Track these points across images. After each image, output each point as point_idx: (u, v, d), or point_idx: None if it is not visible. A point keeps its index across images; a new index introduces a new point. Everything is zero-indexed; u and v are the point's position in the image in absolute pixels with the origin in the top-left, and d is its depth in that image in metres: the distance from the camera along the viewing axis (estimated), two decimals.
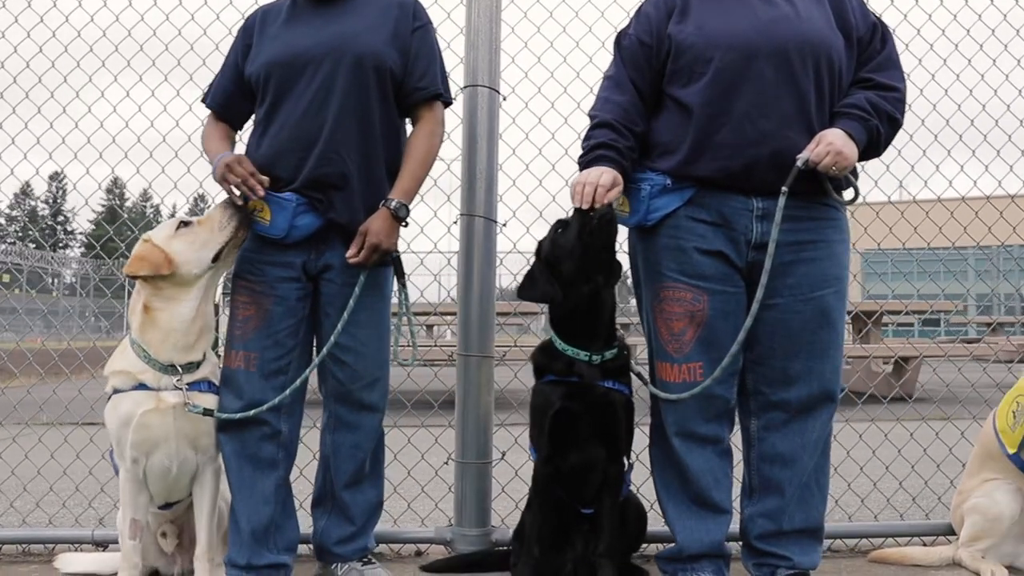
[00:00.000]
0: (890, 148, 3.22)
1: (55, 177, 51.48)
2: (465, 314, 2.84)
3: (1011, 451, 2.60)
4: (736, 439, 2.45)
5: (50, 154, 3.20)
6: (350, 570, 2.48)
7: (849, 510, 3.19)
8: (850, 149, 2.18)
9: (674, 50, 2.31)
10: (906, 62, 3.17)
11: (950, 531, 2.85)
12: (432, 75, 2.48)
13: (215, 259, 2.32)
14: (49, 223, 61.87)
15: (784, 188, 2.19)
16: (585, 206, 2.24)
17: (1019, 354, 7.14)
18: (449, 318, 6.99)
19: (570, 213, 2.35)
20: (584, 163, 2.34)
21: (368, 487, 2.51)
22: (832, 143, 2.16)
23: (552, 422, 2.35)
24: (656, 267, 2.36)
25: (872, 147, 2.27)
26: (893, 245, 3.65)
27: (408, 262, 2.54)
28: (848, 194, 2.33)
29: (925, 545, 2.88)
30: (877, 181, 3.33)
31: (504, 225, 2.95)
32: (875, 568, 2.74)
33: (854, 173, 2.43)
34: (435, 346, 6.83)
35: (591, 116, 2.41)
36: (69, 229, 60.46)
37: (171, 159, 3.15)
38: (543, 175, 3.06)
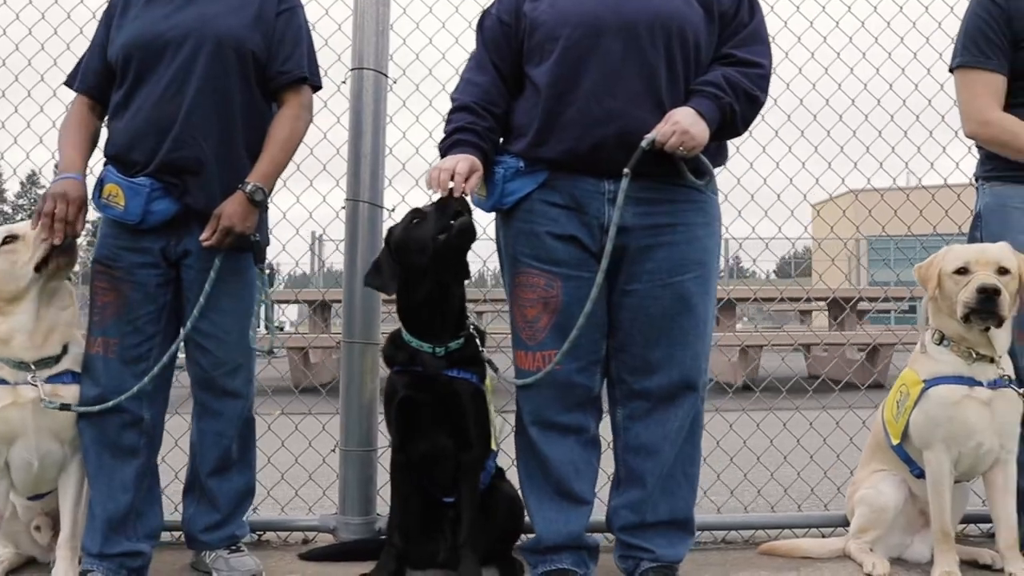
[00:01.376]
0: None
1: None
2: (349, 301, 2.81)
3: (895, 442, 2.53)
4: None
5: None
6: (217, 558, 2.47)
7: (744, 500, 3.13)
8: (698, 128, 2.11)
9: (528, 28, 2.26)
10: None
11: (847, 522, 2.79)
12: (297, 58, 2.44)
13: (38, 269, 2.26)
14: None
15: (626, 170, 2.13)
16: (444, 193, 2.19)
17: None
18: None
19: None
20: (444, 148, 2.29)
21: (236, 475, 2.50)
22: (678, 122, 2.10)
23: (397, 411, 2.35)
24: (512, 252, 2.32)
25: (728, 126, 2.19)
26: (898, 230, 3.58)
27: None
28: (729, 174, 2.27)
29: (824, 536, 2.83)
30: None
31: (392, 210, 2.92)
32: (761, 560, 2.69)
33: (722, 153, 2.38)
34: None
35: (452, 99, 2.36)
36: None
37: None
38: (434, 159, 3.00)
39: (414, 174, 2.94)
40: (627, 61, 2.15)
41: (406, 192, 3.43)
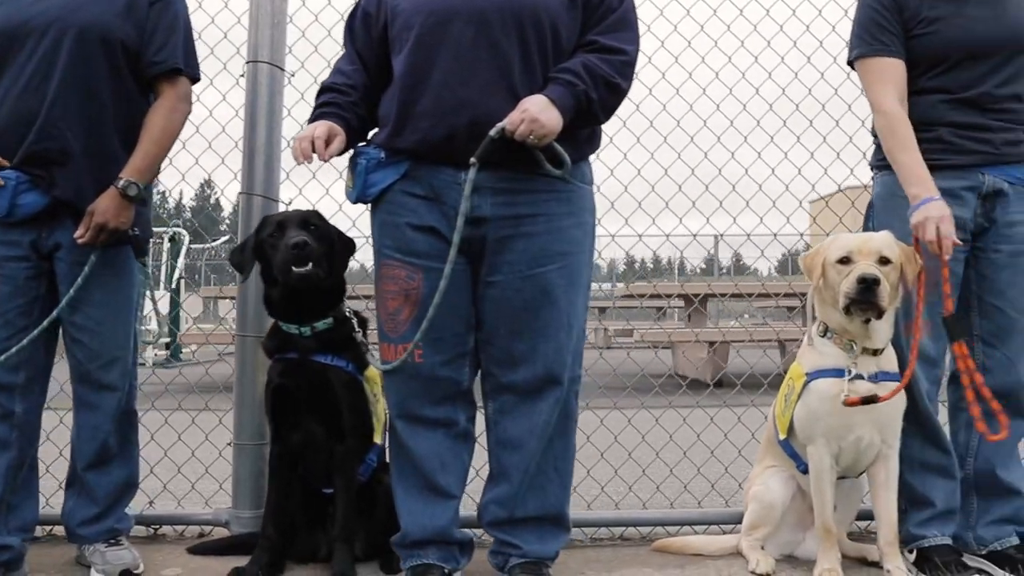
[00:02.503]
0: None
1: None
2: (243, 294, 2.79)
3: (781, 437, 2.48)
4: None
5: None
6: (94, 552, 2.47)
7: (643, 496, 3.09)
8: (548, 116, 2.06)
9: (389, 18, 2.24)
10: None
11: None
12: (171, 49, 2.42)
13: None
14: None
15: (473, 160, 2.10)
16: (306, 160, 2.18)
17: None
18: None
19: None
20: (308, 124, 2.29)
21: (115, 468, 2.49)
22: (527, 110, 2.06)
23: (271, 399, 2.35)
24: (377, 244, 2.30)
25: (585, 114, 2.14)
26: None
27: None
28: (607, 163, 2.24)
29: (725, 533, 2.78)
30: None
31: (288, 203, 2.90)
32: (652, 557, 2.64)
33: (593, 141, 2.33)
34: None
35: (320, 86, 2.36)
36: None
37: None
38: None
39: (312, 168, 2.90)
40: (479, 49, 2.11)
41: (303, 185, 3.42)
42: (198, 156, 2.98)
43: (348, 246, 2.47)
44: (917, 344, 2.32)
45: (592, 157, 2.38)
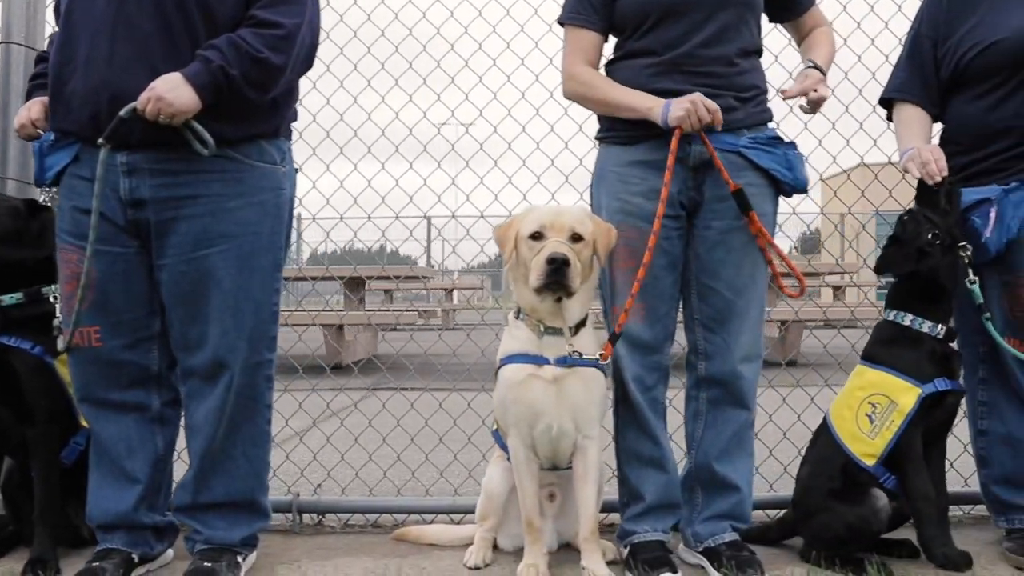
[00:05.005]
0: None
1: None
2: None
3: (494, 427, 2.35)
4: None
5: None
6: None
7: (398, 483, 3.00)
8: (177, 94, 1.98)
9: None
10: None
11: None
12: None
13: None
14: None
15: (100, 140, 2.03)
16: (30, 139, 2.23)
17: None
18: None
19: None
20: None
21: None
22: (154, 88, 1.98)
23: None
24: (58, 228, 2.25)
25: (231, 91, 2.04)
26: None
27: None
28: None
29: None
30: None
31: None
32: (386, 545, 2.55)
33: (272, 119, 2.23)
34: None
35: None
36: None
37: None
38: None
39: None
40: (118, 26, 2.04)
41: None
42: None
43: (45, 224, 2.41)
44: (621, 327, 2.17)
45: None
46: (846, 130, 3.11)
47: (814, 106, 2.25)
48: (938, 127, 2.49)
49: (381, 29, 3.01)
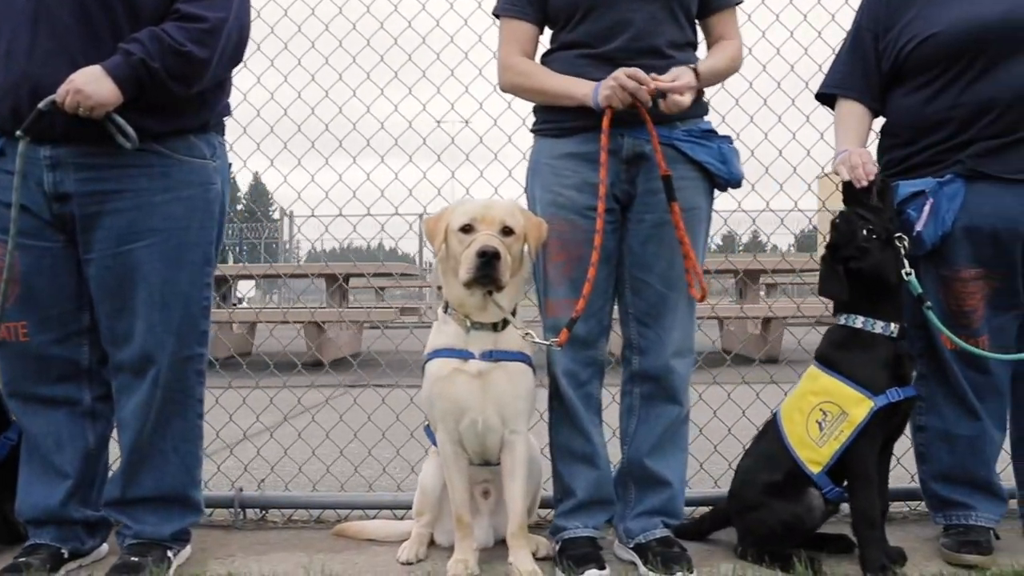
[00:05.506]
0: None
1: None
2: None
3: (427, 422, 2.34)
4: None
5: None
6: None
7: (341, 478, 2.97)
8: (95, 87, 1.96)
9: None
10: None
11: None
12: None
13: None
14: None
15: (19, 133, 2.01)
16: None
17: None
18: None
19: None
20: None
21: None
22: (72, 81, 1.97)
23: None
24: None
25: (153, 84, 2.02)
26: None
27: None
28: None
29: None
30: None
31: None
32: (325, 541, 2.54)
33: (201, 113, 2.21)
34: None
35: None
36: None
37: None
38: None
39: None
40: (38, 20, 2.03)
41: None
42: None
43: None
44: (579, 315, 2.15)
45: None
46: None
47: (669, 106, 2.12)
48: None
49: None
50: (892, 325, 2.20)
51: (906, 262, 2.21)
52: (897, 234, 2.21)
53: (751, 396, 3.09)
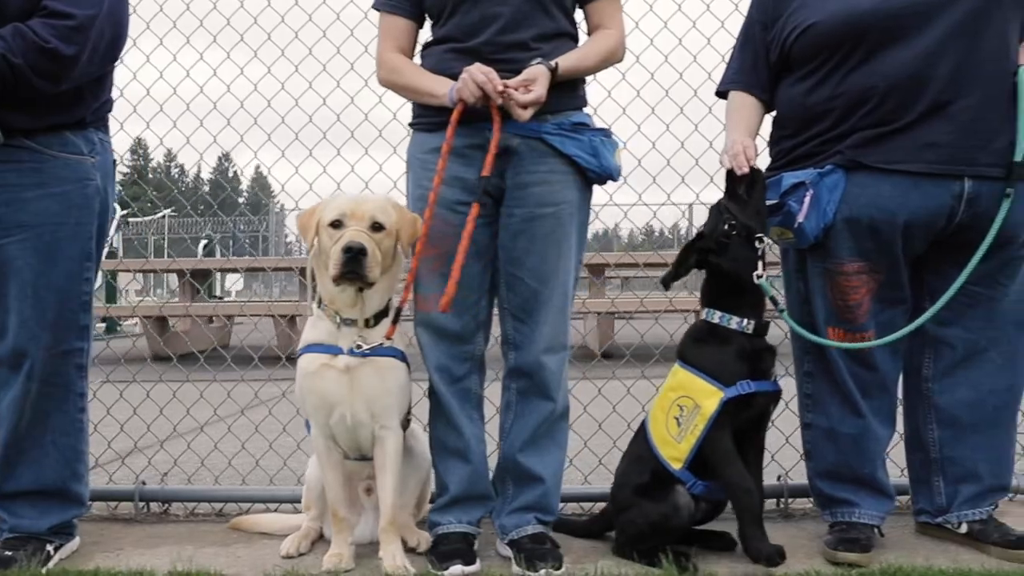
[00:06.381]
0: None
1: None
2: None
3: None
4: None
5: None
6: None
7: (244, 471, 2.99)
8: None
9: None
10: None
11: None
12: None
13: None
14: None
15: None
16: None
17: None
18: None
19: None
20: None
21: None
22: None
23: None
24: None
25: (17, 81, 2.00)
26: None
27: None
28: None
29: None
30: None
31: None
32: (219, 534, 2.55)
33: (72, 110, 2.20)
34: None
35: None
36: None
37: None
38: None
39: None
40: None
41: None
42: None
43: None
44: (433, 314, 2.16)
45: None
46: None
47: (523, 105, 2.07)
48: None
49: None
50: (746, 321, 2.18)
51: (760, 264, 2.19)
52: (758, 234, 2.18)
53: (622, 390, 3.08)
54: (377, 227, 2.13)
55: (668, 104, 2.90)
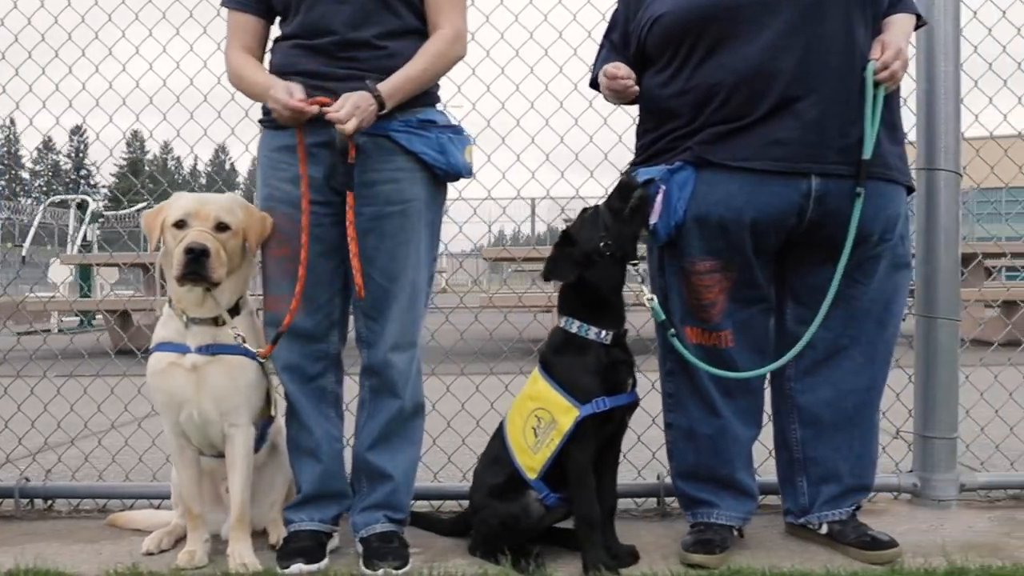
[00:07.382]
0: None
1: (77, 131, 52.82)
2: None
3: None
4: None
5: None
6: None
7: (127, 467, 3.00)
8: None
9: None
10: None
11: None
12: None
13: None
14: (72, 177, 62.16)
15: None
16: None
17: None
18: None
19: None
20: None
21: None
22: None
23: None
24: None
25: None
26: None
27: None
28: None
29: None
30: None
31: None
32: (97, 531, 2.56)
33: None
34: None
35: None
36: (92, 182, 57.32)
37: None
38: None
39: None
40: None
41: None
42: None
43: None
44: (287, 326, 2.16)
45: None
46: None
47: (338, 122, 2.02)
48: None
49: None
50: (605, 332, 2.15)
51: (647, 289, 2.18)
52: (633, 261, 2.17)
53: (471, 388, 3.07)
54: (222, 227, 2.13)
55: (547, 98, 2.87)
